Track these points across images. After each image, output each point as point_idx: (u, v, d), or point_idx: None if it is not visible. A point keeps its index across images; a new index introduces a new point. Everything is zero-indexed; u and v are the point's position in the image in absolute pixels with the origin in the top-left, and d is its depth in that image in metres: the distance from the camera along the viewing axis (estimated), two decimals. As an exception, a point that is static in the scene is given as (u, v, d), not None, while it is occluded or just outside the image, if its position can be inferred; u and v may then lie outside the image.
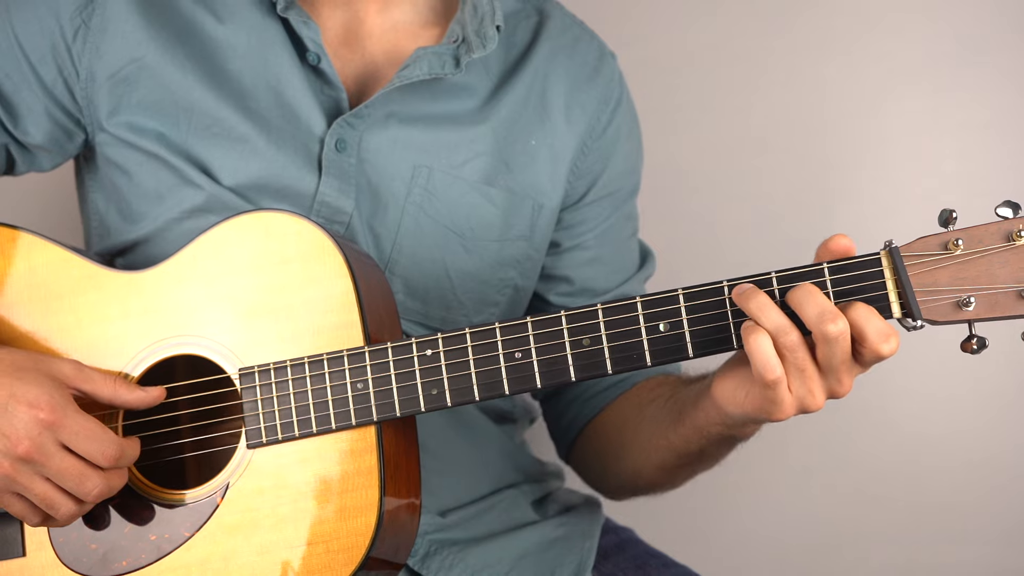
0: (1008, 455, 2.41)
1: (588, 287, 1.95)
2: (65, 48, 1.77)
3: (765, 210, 2.45)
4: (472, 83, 1.85)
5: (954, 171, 2.39)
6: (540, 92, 1.88)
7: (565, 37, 1.94)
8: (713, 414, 1.60)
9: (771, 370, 1.42)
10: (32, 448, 1.50)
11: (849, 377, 1.45)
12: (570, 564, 1.83)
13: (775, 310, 1.42)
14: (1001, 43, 2.39)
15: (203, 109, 1.75)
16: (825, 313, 1.40)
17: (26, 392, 1.51)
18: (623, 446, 1.87)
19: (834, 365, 1.43)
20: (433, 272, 1.81)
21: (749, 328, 1.43)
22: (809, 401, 1.45)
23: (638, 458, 1.83)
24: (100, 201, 1.84)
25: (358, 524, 1.53)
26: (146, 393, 1.59)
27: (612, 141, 1.93)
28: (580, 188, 1.92)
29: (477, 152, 1.83)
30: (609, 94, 1.94)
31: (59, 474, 1.52)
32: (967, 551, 2.43)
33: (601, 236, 1.95)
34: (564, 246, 1.94)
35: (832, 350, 1.41)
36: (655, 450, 1.78)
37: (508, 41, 1.89)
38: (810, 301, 1.41)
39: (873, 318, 1.41)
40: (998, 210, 1.42)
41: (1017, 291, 1.41)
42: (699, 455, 1.73)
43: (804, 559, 2.48)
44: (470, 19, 1.81)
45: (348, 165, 1.76)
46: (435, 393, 1.55)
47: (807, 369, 1.43)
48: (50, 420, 1.51)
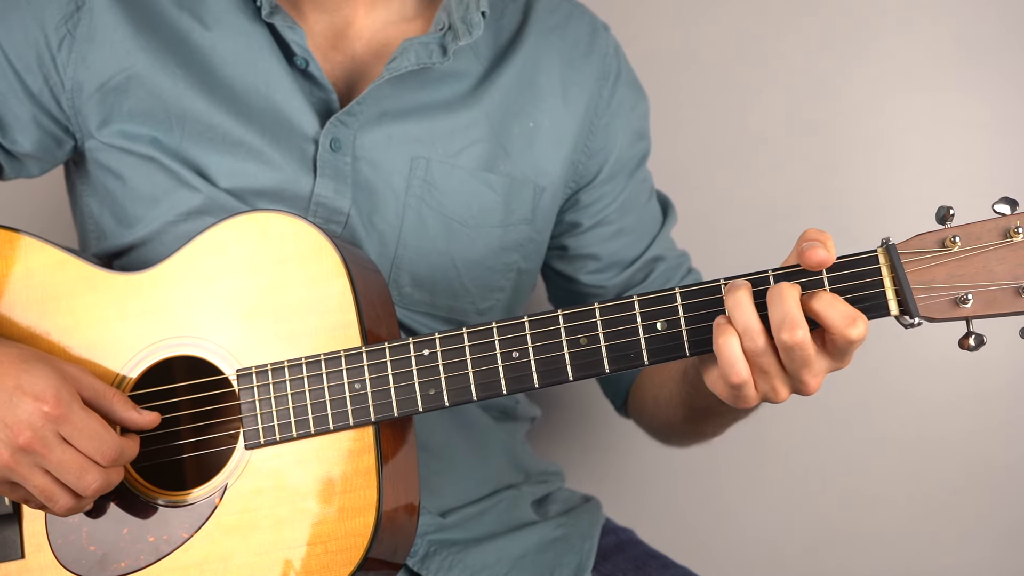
0: (1008, 455, 2.41)
1: (616, 260, 1.95)
2: (50, 58, 1.76)
3: (765, 210, 2.45)
4: (462, 69, 1.84)
5: (954, 171, 2.39)
6: (532, 74, 1.88)
7: (555, 16, 1.93)
8: (703, 389, 1.59)
9: (736, 373, 1.43)
10: (33, 439, 1.50)
11: (814, 378, 1.44)
12: (570, 565, 1.83)
13: (749, 310, 1.42)
14: (1001, 43, 2.39)
15: (196, 116, 1.75)
16: (786, 320, 1.39)
17: (32, 384, 1.52)
18: (653, 400, 1.88)
19: (795, 369, 1.42)
20: (440, 263, 1.81)
21: (720, 326, 1.43)
22: (772, 396, 1.46)
23: (664, 412, 1.85)
24: (93, 205, 1.84)
25: (356, 525, 1.53)
26: (139, 415, 1.59)
27: (616, 115, 1.93)
28: (593, 168, 1.92)
29: (473, 139, 1.83)
30: (607, 69, 1.93)
31: (59, 467, 1.52)
32: (967, 551, 2.43)
33: (621, 207, 1.95)
34: (586, 224, 1.94)
35: (791, 356, 1.41)
36: (674, 405, 1.79)
37: (497, 24, 1.89)
38: (776, 305, 1.40)
39: (837, 304, 1.40)
40: (995, 206, 1.42)
41: (1015, 287, 1.41)
42: (705, 411, 1.72)
43: (804, 559, 2.48)
44: (456, 6, 1.81)
45: (343, 164, 1.76)
46: (432, 393, 1.54)
47: (771, 371, 1.43)
48: (54, 413, 1.51)
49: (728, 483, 2.40)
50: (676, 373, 1.75)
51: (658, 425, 1.93)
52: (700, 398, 1.66)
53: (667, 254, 1.97)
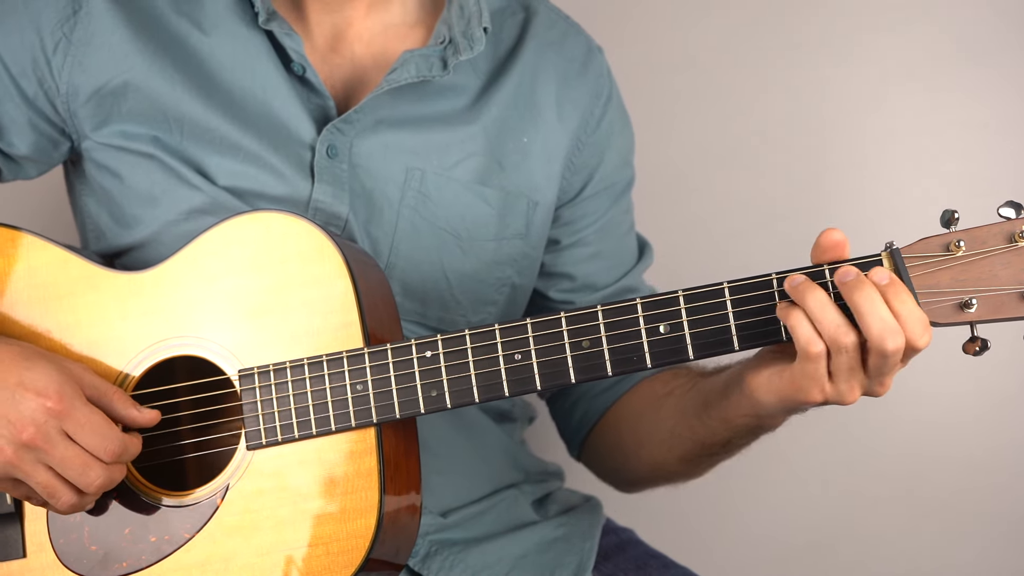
0: (1008, 455, 2.41)
1: (589, 283, 1.95)
2: (45, 61, 1.76)
3: (765, 210, 2.45)
4: (460, 83, 1.84)
5: (954, 171, 2.39)
6: (530, 89, 1.88)
7: (552, 33, 1.93)
8: (745, 405, 1.59)
9: (814, 343, 1.43)
10: (36, 435, 1.50)
11: (891, 379, 1.46)
12: (570, 564, 1.83)
13: (833, 309, 1.43)
14: (1001, 43, 2.39)
15: (194, 120, 1.75)
16: (887, 327, 1.40)
17: (35, 380, 1.52)
18: (642, 439, 1.86)
19: (882, 372, 1.44)
20: (431, 274, 1.80)
21: (786, 308, 1.44)
22: (846, 395, 1.46)
23: (659, 450, 1.83)
24: (91, 205, 1.83)
25: (358, 526, 1.53)
26: (140, 413, 1.59)
27: (606, 135, 1.94)
28: (576, 184, 1.92)
29: (469, 152, 1.83)
30: (600, 89, 1.94)
31: (62, 463, 1.52)
32: (967, 551, 2.43)
33: (600, 231, 1.95)
34: (564, 243, 1.94)
35: (885, 361, 1.42)
36: (679, 441, 1.77)
37: (495, 39, 1.89)
38: (874, 310, 1.41)
39: (916, 309, 1.42)
40: (1000, 210, 1.41)
41: (1019, 292, 1.41)
42: (724, 445, 1.73)
43: (804, 559, 2.48)
44: (456, 20, 1.81)
45: (340, 171, 1.76)
46: (435, 395, 1.55)
47: (856, 368, 1.44)
48: (57, 409, 1.51)
49: (729, 483, 2.39)
50: (693, 405, 1.73)
51: (639, 466, 1.90)
52: (724, 431, 1.67)
53: (640, 287, 1.98)
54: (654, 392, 1.86)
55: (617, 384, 1.92)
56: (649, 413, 1.85)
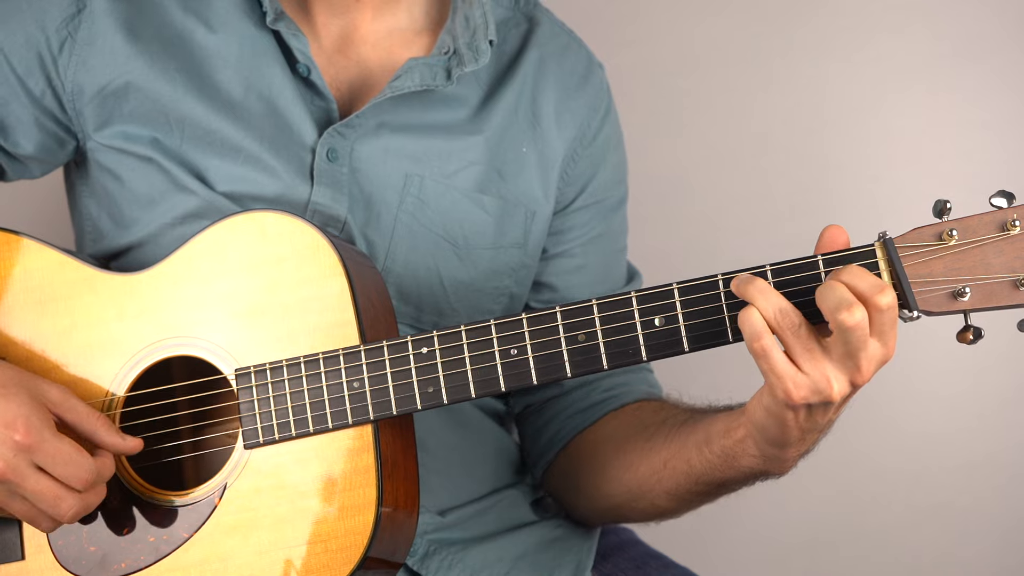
0: (1008, 455, 2.41)
1: (571, 295, 1.92)
2: (51, 59, 1.76)
3: (765, 210, 2.45)
4: (463, 93, 1.84)
5: (953, 171, 2.39)
6: (530, 99, 1.88)
7: (554, 44, 1.93)
8: (750, 445, 1.58)
9: (758, 336, 1.41)
10: (6, 470, 1.50)
11: (868, 362, 1.42)
12: (569, 564, 1.83)
13: (774, 292, 1.41)
14: (1000, 43, 2.39)
15: (195, 120, 1.75)
16: (842, 302, 1.37)
17: (4, 411, 1.51)
18: (630, 462, 1.80)
19: (852, 351, 1.40)
20: (427, 280, 1.80)
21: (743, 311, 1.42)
22: (826, 389, 1.43)
23: (648, 480, 1.77)
24: (92, 206, 1.83)
25: (356, 523, 1.53)
26: (123, 440, 1.58)
27: (602, 149, 1.93)
28: (569, 194, 1.91)
29: (469, 161, 1.83)
30: (598, 102, 1.94)
31: (34, 495, 1.52)
32: (967, 551, 2.43)
33: (588, 245, 1.93)
34: (550, 252, 1.93)
35: (847, 338, 1.39)
36: (670, 473, 1.73)
37: (498, 49, 1.89)
38: (829, 292, 1.39)
39: (865, 276, 1.40)
40: (992, 199, 1.42)
41: (1012, 280, 1.41)
42: (719, 485, 1.70)
43: (804, 559, 2.48)
44: (461, 31, 1.81)
45: (340, 174, 1.76)
46: (431, 391, 1.55)
47: (814, 349, 1.42)
48: (25, 442, 1.50)
49: (728, 483, 2.39)
50: (694, 440, 1.69)
51: (618, 490, 1.82)
52: (724, 469, 1.64)
53: None
54: (641, 419, 1.82)
55: (595, 406, 1.88)
56: (635, 440, 1.80)
